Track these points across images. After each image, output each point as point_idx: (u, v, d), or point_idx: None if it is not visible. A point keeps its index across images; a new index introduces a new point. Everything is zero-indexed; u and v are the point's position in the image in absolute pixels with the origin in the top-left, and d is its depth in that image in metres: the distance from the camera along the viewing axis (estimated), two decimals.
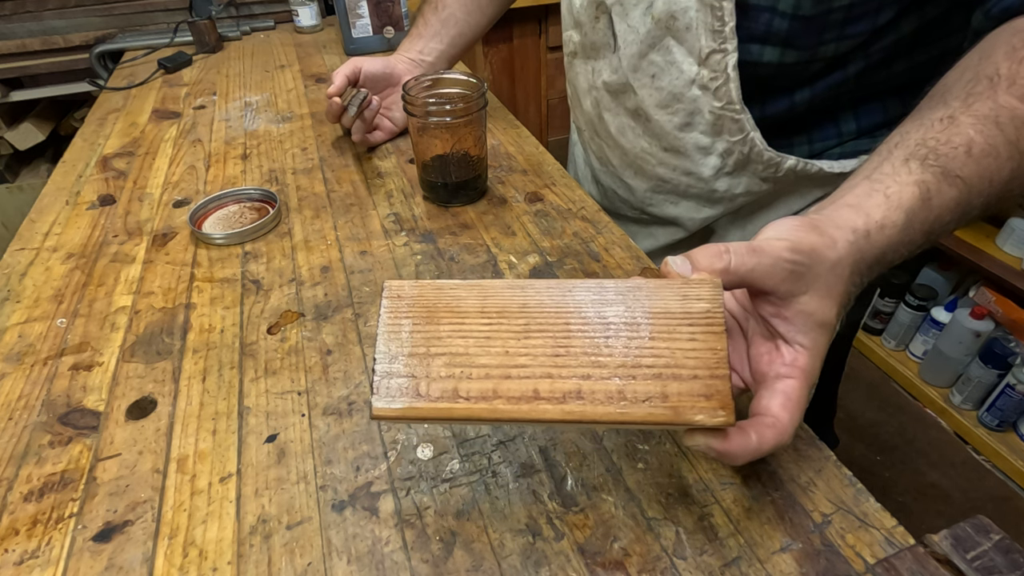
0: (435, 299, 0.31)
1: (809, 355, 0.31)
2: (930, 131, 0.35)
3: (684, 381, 0.28)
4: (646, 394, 0.27)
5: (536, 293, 0.30)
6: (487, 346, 0.29)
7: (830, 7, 0.46)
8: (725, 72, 0.51)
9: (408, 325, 0.30)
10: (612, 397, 0.28)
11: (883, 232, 0.32)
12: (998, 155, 0.34)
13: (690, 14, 0.50)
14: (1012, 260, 1.31)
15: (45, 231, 0.64)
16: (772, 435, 0.29)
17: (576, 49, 0.66)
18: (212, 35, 1.14)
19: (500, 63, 1.73)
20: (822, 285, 0.30)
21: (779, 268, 0.29)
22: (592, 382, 0.28)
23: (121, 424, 0.42)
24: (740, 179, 0.59)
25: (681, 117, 0.57)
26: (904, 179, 0.33)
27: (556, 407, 0.28)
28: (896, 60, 0.52)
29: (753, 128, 0.54)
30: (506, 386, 0.28)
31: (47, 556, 0.35)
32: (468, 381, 0.28)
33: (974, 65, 0.37)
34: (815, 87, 0.54)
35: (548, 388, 0.28)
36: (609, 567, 0.32)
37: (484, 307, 0.30)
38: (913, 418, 1.49)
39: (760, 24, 0.49)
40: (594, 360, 0.28)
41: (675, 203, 0.66)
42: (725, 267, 0.29)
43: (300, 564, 0.33)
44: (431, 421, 0.30)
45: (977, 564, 0.30)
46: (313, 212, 0.64)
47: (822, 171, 0.56)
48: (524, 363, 0.29)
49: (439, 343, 0.29)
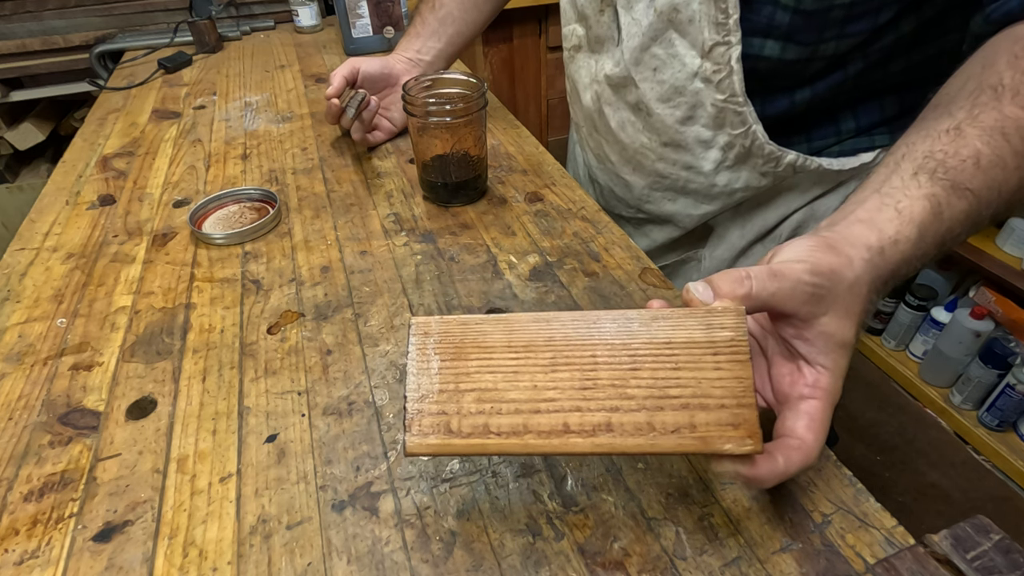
0: (461, 334, 0.31)
1: (831, 375, 0.31)
2: (937, 143, 0.35)
3: (711, 411, 0.28)
4: (675, 424, 0.28)
5: (562, 326, 0.30)
6: (515, 381, 0.29)
7: (831, 4, 0.46)
8: (728, 64, 0.51)
9: (436, 361, 0.30)
10: (641, 429, 0.28)
11: (897, 247, 0.32)
12: (1005, 166, 0.34)
13: (693, 6, 0.50)
14: (1012, 260, 1.31)
15: (45, 231, 0.64)
16: (799, 457, 0.29)
17: (580, 43, 0.66)
18: (212, 35, 1.14)
19: (500, 63, 1.73)
20: (841, 305, 0.30)
21: (800, 291, 0.29)
22: (621, 414, 0.28)
23: (121, 424, 0.42)
24: (740, 173, 0.59)
25: (683, 110, 0.57)
26: (914, 193, 0.33)
27: (587, 440, 0.28)
28: (894, 59, 0.52)
29: (755, 121, 0.54)
30: (536, 420, 0.29)
31: (47, 556, 0.35)
32: (498, 416, 0.29)
33: (977, 74, 0.37)
34: (815, 87, 0.54)
35: (578, 421, 0.28)
36: (609, 567, 0.32)
37: (511, 342, 0.30)
38: (913, 418, 1.49)
39: (762, 17, 0.49)
40: (622, 392, 0.28)
41: (673, 200, 0.66)
42: (747, 293, 0.29)
43: (300, 564, 0.33)
44: (463, 455, 0.31)
45: (977, 564, 0.30)
46: (313, 212, 0.64)
47: (821, 167, 0.57)
48: (553, 397, 0.29)
49: (468, 379, 0.30)
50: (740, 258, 0.68)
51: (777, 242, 0.65)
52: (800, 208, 0.62)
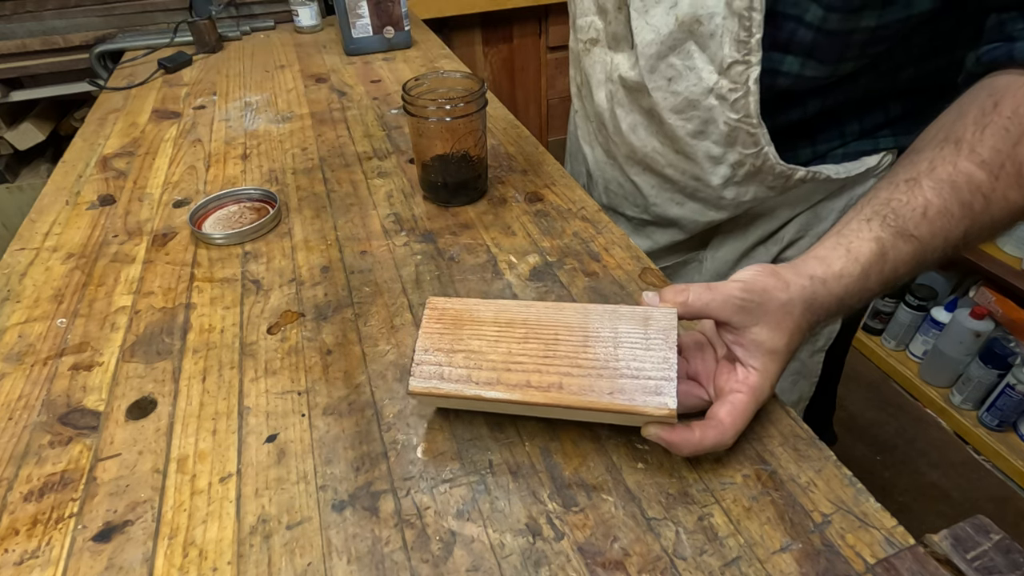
0: (463, 310, 0.40)
1: (759, 376, 0.36)
2: (895, 192, 0.39)
3: (640, 381, 0.35)
4: (610, 389, 0.35)
5: (536, 311, 0.39)
6: (496, 346, 0.38)
7: (856, 26, 0.46)
8: (746, 85, 0.50)
9: (440, 329, 0.39)
10: (584, 390, 0.35)
11: (840, 281, 0.37)
12: (952, 216, 0.38)
13: (716, 20, 0.49)
14: (1012, 260, 1.30)
15: (45, 231, 0.64)
16: (714, 435, 0.35)
17: (598, 37, 0.64)
18: (212, 35, 1.14)
19: (500, 63, 1.73)
20: (772, 319, 0.36)
21: (730, 304, 0.36)
22: (571, 378, 0.36)
23: (121, 424, 0.42)
24: (748, 188, 0.59)
25: (695, 124, 0.56)
26: (865, 235, 0.38)
27: (542, 394, 0.36)
28: (904, 69, 0.52)
29: (768, 143, 0.53)
30: (507, 376, 0.37)
31: (47, 556, 0.35)
32: (479, 371, 0.37)
33: (948, 124, 0.41)
34: (826, 98, 0.54)
35: (537, 380, 0.36)
36: (609, 567, 0.32)
37: (497, 318, 0.39)
38: (913, 418, 1.49)
39: (784, 33, 0.48)
40: (573, 362, 0.36)
41: (681, 204, 0.65)
42: (684, 300, 0.37)
43: (300, 564, 0.33)
44: (451, 400, 0.38)
45: (977, 564, 0.30)
46: (313, 212, 0.64)
47: (829, 178, 0.56)
48: (522, 360, 0.37)
49: (460, 343, 0.38)
50: (743, 260, 0.67)
51: (779, 244, 0.65)
52: (804, 211, 0.62)
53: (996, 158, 0.37)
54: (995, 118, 0.38)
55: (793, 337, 0.37)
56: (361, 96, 0.93)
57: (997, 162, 0.37)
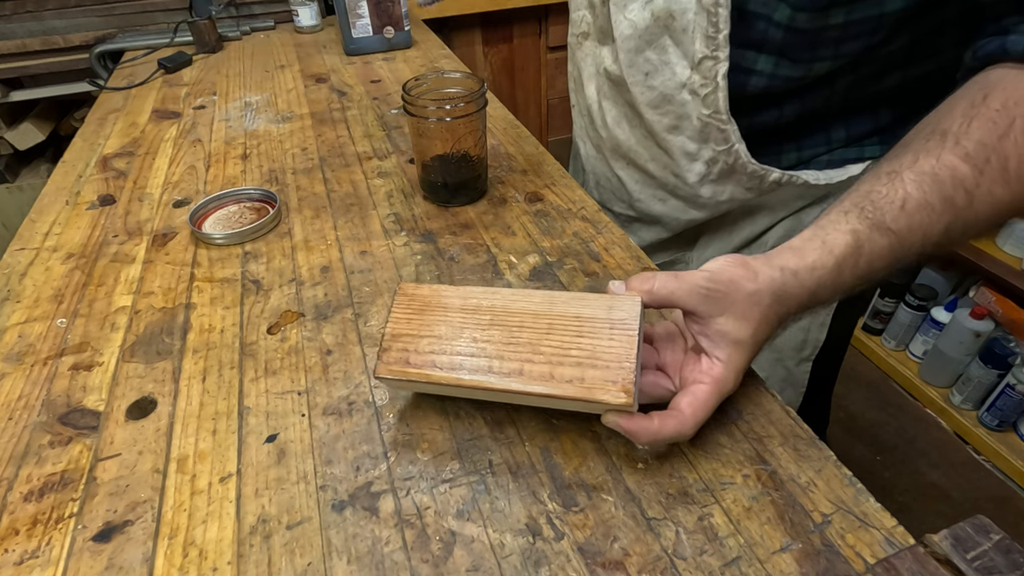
0: (431, 297, 0.40)
1: (724, 367, 0.36)
2: (876, 184, 0.38)
3: (599, 369, 0.35)
4: (570, 376, 0.35)
5: (502, 297, 0.39)
6: (460, 332, 0.38)
7: (825, 24, 0.46)
8: (715, 80, 0.50)
9: (409, 314, 0.40)
10: (544, 377, 0.35)
11: (813, 273, 0.37)
12: (932, 210, 0.37)
13: (688, 16, 0.49)
14: (1012, 260, 1.30)
15: (45, 231, 0.64)
16: (673, 424, 0.34)
17: (588, 30, 0.65)
18: (212, 35, 1.14)
19: (500, 63, 1.73)
20: (739, 309, 0.35)
21: (695, 293, 0.35)
22: (531, 365, 0.36)
23: (121, 424, 0.42)
24: (725, 187, 0.59)
25: (670, 119, 0.56)
26: (842, 227, 0.37)
27: (501, 380, 0.36)
28: (888, 75, 0.52)
29: (739, 140, 0.53)
30: (470, 362, 0.37)
31: (47, 556, 0.35)
32: (443, 356, 0.37)
33: (937, 118, 0.40)
34: (804, 100, 0.53)
35: (498, 367, 0.36)
36: (609, 567, 0.32)
37: (463, 305, 0.39)
38: (913, 418, 1.49)
39: (756, 31, 0.49)
40: (535, 349, 0.36)
41: (663, 200, 0.66)
42: (649, 288, 0.36)
43: (300, 564, 0.33)
44: (417, 383, 0.38)
45: (977, 564, 0.30)
46: (313, 212, 0.64)
47: (807, 183, 0.56)
48: (484, 347, 0.37)
49: (427, 329, 0.39)
50: None
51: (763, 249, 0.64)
52: (787, 217, 0.62)
53: (981, 152, 0.36)
54: (983, 110, 0.37)
55: (760, 328, 0.36)
56: (361, 96, 0.93)
57: (982, 156, 0.36)
